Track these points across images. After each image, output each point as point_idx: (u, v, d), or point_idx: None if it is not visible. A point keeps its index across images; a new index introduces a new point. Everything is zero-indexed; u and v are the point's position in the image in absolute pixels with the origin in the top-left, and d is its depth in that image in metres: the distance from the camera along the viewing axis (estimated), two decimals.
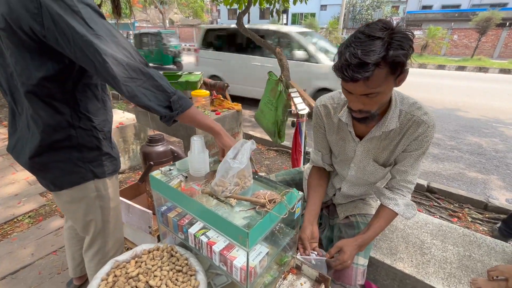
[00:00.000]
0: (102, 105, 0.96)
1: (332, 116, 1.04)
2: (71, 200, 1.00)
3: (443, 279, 1.00)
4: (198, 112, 0.91)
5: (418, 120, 0.90)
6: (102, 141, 0.98)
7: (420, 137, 0.91)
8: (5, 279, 1.65)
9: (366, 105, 0.79)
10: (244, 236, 0.65)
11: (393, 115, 0.91)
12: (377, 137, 0.97)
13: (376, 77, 0.70)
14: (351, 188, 1.14)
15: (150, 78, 0.78)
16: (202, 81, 1.93)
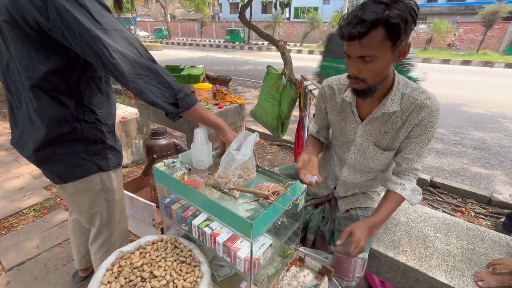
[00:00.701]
0: (106, 98, 0.96)
1: (336, 96, 1.05)
2: (77, 192, 1.01)
3: (446, 272, 1.00)
4: (203, 108, 0.92)
5: (420, 104, 0.89)
6: (106, 134, 0.98)
7: (423, 122, 0.90)
8: (11, 270, 1.68)
9: (362, 71, 0.81)
10: (248, 227, 0.65)
11: (395, 97, 0.91)
12: (378, 119, 0.97)
13: (371, 37, 0.72)
14: (352, 175, 1.13)
15: (157, 75, 0.78)
16: (204, 75, 1.92)
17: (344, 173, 1.15)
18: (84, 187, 1.00)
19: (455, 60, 11.29)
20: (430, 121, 0.90)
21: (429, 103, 0.89)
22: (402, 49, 0.78)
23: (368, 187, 1.19)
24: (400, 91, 0.91)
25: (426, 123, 0.90)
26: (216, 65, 10.20)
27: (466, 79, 7.99)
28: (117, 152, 1.05)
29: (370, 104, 0.96)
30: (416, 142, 0.94)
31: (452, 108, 5.22)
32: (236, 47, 17.25)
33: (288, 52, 2.50)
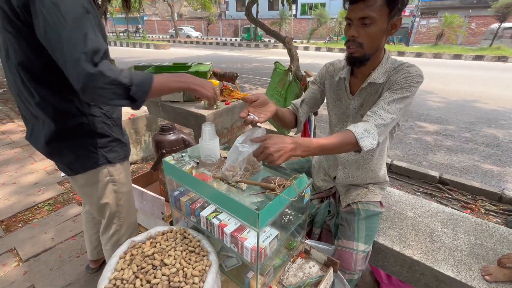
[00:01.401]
0: None
1: (335, 75, 1.13)
2: (86, 184, 1.05)
3: (453, 266, 1.00)
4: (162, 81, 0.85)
5: (399, 69, 0.95)
6: (112, 127, 1.01)
7: (399, 79, 0.92)
8: (28, 261, 1.75)
9: (360, 35, 0.89)
10: (254, 217, 0.67)
11: (382, 70, 0.98)
12: (366, 91, 1.03)
13: (375, 0, 0.84)
14: (349, 154, 1.14)
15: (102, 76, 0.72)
16: (212, 71, 1.95)
17: (340, 155, 1.17)
18: (93, 178, 1.04)
19: (467, 55, 11.00)
20: (406, 78, 0.91)
21: (408, 67, 0.94)
22: (395, 22, 0.89)
23: (367, 176, 1.17)
24: (388, 66, 0.98)
25: (402, 80, 0.91)
26: (223, 63, 10.23)
27: (479, 75, 7.78)
28: (124, 145, 1.08)
29: (361, 80, 1.04)
30: (387, 94, 0.92)
31: (464, 104, 5.11)
32: (242, 45, 17.23)
33: (294, 48, 2.50)
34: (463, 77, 7.46)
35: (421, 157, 3.18)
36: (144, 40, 18.77)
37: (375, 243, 1.13)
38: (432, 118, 4.42)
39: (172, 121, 1.89)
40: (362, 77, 1.04)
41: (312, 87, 1.23)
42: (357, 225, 1.06)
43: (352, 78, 1.08)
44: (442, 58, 11.30)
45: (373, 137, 0.85)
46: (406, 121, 4.27)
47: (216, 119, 1.73)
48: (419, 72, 0.92)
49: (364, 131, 0.85)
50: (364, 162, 1.13)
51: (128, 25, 21.56)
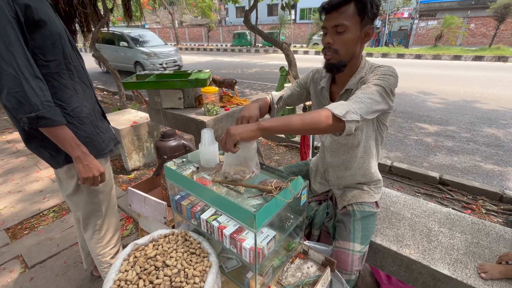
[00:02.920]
0: (74, 92, 1.04)
1: (319, 82, 1.18)
2: (65, 178, 1.13)
3: (449, 265, 1.02)
4: (60, 137, 0.94)
5: (372, 70, 0.99)
6: (79, 126, 1.06)
7: (371, 75, 0.96)
8: (34, 267, 1.79)
9: (335, 42, 0.95)
10: (251, 218, 0.70)
11: (358, 76, 1.02)
12: (344, 97, 1.06)
13: (345, 8, 0.90)
14: (333, 157, 1.19)
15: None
16: (211, 78, 1.99)
17: (327, 158, 1.22)
18: (67, 174, 1.11)
19: (467, 55, 11.02)
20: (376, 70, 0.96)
21: (379, 67, 0.98)
22: (367, 30, 0.95)
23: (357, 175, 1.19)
24: (364, 71, 1.02)
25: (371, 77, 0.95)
26: (223, 69, 10.34)
27: (479, 75, 7.79)
28: (96, 143, 1.12)
29: (340, 88, 1.09)
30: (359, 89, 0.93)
31: (464, 105, 5.11)
32: (242, 50, 17.41)
33: (292, 53, 2.55)
34: (463, 78, 7.47)
35: (421, 158, 3.19)
36: None
37: (373, 244, 1.15)
38: (433, 119, 4.44)
39: (173, 128, 1.94)
40: (342, 85, 1.08)
41: (295, 88, 1.28)
42: (352, 226, 1.09)
43: (334, 86, 1.13)
44: (441, 59, 11.32)
45: (348, 107, 0.82)
46: (406, 123, 4.28)
47: (216, 125, 1.77)
48: (389, 69, 0.96)
49: (337, 104, 0.84)
50: (349, 162, 1.16)
51: None
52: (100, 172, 1.06)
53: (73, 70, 1.03)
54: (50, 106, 0.88)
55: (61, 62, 0.98)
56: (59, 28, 0.95)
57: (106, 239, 1.29)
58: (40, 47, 0.90)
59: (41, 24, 0.88)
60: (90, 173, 1.02)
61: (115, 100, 6.02)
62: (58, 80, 0.98)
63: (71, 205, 1.21)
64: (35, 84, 0.85)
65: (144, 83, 1.83)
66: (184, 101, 1.89)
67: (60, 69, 0.98)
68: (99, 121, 1.16)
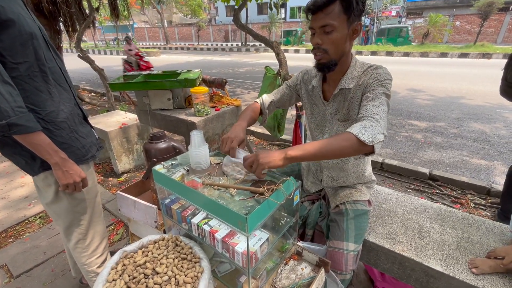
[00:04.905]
0: (49, 96, 0.98)
1: (310, 82, 1.17)
2: (43, 186, 1.07)
3: (441, 260, 1.02)
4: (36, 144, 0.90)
5: (368, 71, 1.00)
6: (55, 131, 1.00)
7: (370, 80, 0.96)
8: (20, 277, 1.72)
9: (324, 42, 0.94)
10: (243, 222, 0.69)
11: (351, 75, 1.02)
12: (338, 97, 1.06)
13: (331, 8, 0.89)
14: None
15: None
16: (201, 78, 1.96)
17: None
18: (44, 182, 1.05)
19: (453, 53, 11.28)
20: (376, 76, 0.95)
21: (375, 70, 0.98)
22: (355, 27, 0.94)
23: (351, 177, 1.19)
24: (357, 71, 1.02)
25: (374, 79, 0.95)
26: (214, 68, 10.26)
27: (464, 72, 7.99)
28: (74, 148, 1.07)
29: (333, 86, 1.08)
30: (368, 97, 0.93)
31: (451, 101, 5.23)
32: (233, 49, 17.32)
33: (282, 52, 2.54)
34: (450, 75, 7.65)
35: (412, 154, 3.24)
36: None
37: (366, 242, 1.15)
38: (422, 115, 4.52)
39: (163, 129, 1.90)
40: (334, 83, 1.08)
41: (285, 90, 1.27)
42: (346, 225, 1.08)
43: (325, 84, 1.12)
44: (429, 57, 11.56)
45: (373, 129, 0.80)
46: (397, 120, 4.35)
47: (206, 126, 1.74)
48: (386, 72, 0.97)
49: (361, 127, 0.81)
50: (343, 164, 1.16)
51: (118, 33, 21.47)
52: (81, 178, 1.02)
53: (47, 72, 0.97)
54: (22, 112, 0.83)
55: (33, 64, 0.92)
56: (30, 28, 0.89)
57: (92, 248, 1.24)
58: (8, 49, 0.84)
59: (9, 23, 0.82)
60: (70, 179, 0.98)
61: (103, 102, 5.88)
62: (30, 84, 0.92)
63: (51, 214, 1.16)
64: (3, 89, 0.79)
65: (132, 84, 1.78)
66: (173, 101, 1.85)
67: (32, 71, 0.92)
68: (79, 126, 1.10)
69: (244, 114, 1.20)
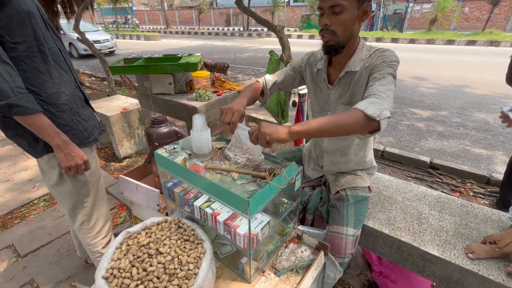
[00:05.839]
0: (49, 77, 0.97)
1: (315, 65, 1.15)
2: (47, 169, 1.08)
3: (439, 246, 1.04)
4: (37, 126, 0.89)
5: (374, 55, 0.97)
6: (57, 114, 1.00)
7: (377, 61, 0.94)
8: (26, 256, 1.77)
9: (333, 23, 0.92)
10: (245, 205, 0.69)
11: (357, 58, 1.00)
12: (344, 80, 1.04)
13: None
14: (331, 142, 1.17)
15: None
16: (202, 63, 1.93)
17: (324, 142, 1.20)
18: (47, 164, 1.06)
19: (460, 40, 11.00)
20: (383, 58, 0.93)
21: (382, 52, 0.96)
22: (365, 8, 0.92)
23: (352, 162, 1.19)
24: (364, 53, 1.00)
25: (380, 64, 0.93)
26: (215, 53, 10.08)
27: (471, 60, 7.82)
28: (77, 131, 1.07)
29: (338, 70, 1.06)
30: (375, 77, 0.91)
31: (455, 90, 5.15)
32: (235, 34, 16.93)
33: (286, 37, 2.48)
34: (455, 63, 7.49)
35: (413, 143, 3.23)
36: (134, 32, 18.30)
37: (365, 227, 1.17)
38: (425, 104, 4.47)
39: (165, 114, 1.89)
40: (339, 66, 1.06)
41: (289, 72, 1.25)
42: (346, 210, 1.10)
43: (331, 67, 1.10)
44: (435, 44, 11.29)
45: (380, 105, 0.77)
46: (399, 108, 4.30)
47: (208, 111, 1.73)
48: (393, 54, 0.95)
49: (367, 103, 0.79)
50: (345, 148, 1.16)
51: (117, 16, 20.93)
52: (83, 160, 1.02)
53: (47, 52, 0.95)
54: (22, 92, 0.82)
55: (32, 44, 0.90)
56: (28, 6, 0.87)
57: (96, 229, 1.27)
58: (5, 28, 0.82)
59: (5, 1, 0.80)
60: (72, 162, 0.98)
61: (103, 86, 5.83)
62: (29, 64, 0.91)
63: (56, 196, 1.17)
64: (2, 69, 0.78)
65: (132, 68, 1.76)
66: (174, 86, 1.83)
67: (31, 51, 0.90)
68: (81, 108, 1.10)
69: (245, 92, 1.16)
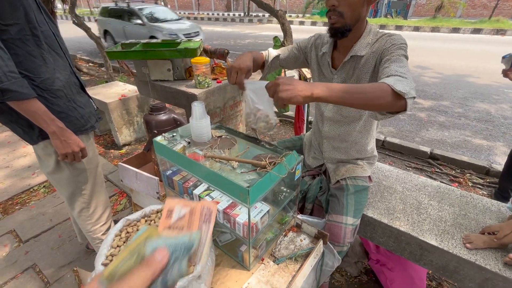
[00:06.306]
0: (43, 62, 0.94)
1: (321, 48, 1.12)
2: (44, 155, 1.07)
3: (437, 235, 1.05)
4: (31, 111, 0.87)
5: (382, 39, 0.94)
6: (52, 100, 0.98)
7: (387, 45, 0.91)
8: (28, 241, 1.80)
9: (340, 3, 0.89)
10: (245, 194, 0.69)
11: (364, 42, 0.97)
12: (348, 65, 1.01)
13: None
14: (332, 128, 1.16)
15: None
16: (202, 48, 1.88)
17: (325, 127, 1.18)
18: (44, 151, 1.05)
19: (465, 28, 10.75)
20: (396, 46, 0.89)
21: (390, 37, 0.93)
22: None
23: (352, 149, 1.18)
24: (370, 37, 0.97)
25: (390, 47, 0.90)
26: (215, 40, 9.87)
27: (475, 49, 7.68)
28: (73, 118, 1.05)
29: (343, 54, 1.02)
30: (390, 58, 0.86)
31: (458, 79, 5.08)
32: (235, 20, 16.53)
33: (287, 22, 2.41)
34: (460, 52, 7.36)
35: (414, 133, 3.22)
36: None
37: (364, 216, 1.18)
38: (427, 94, 4.42)
39: (163, 101, 1.86)
40: (344, 51, 1.02)
41: (293, 50, 1.21)
42: (346, 199, 1.10)
43: (335, 52, 1.07)
44: (440, 32, 11.04)
45: (408, 83, 0.71)
46: None
47: (208, 98, 1.70)
48: (401, 37, 0.92)
49: (394, 79, 0.72)
50: (346, 135, 1.14)
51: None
52: (80, 148, 1.01)
53: (40, 36, 0.92)
54: (15, 77, 0.80)
55: (24, 27, 0.87)
56: None
57: (96, 216, 1.28)
58: None
59: None
60: (69, 149, 0.97)
61: (101, 72, 5.73)
62: (22, 48, 0.88)
63: (54, 183, 1.17)
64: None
65: (130, 53, 1.71)
66: (173, 72, 1.79)
67: (24, 35, 0.87)
68: (76, 95, 1.07)
69: (250, 52, 1.10)
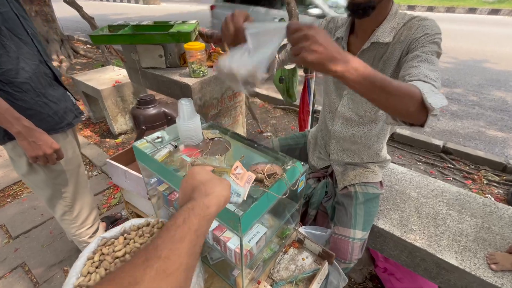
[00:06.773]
0: (3, 51, 0.81)
1: (334, 32, 0.98)
2: (14, 155, 0.96)
3: (457, 253, 0.93)
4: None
5: (413, 25, 0.77)
6: (16, 95, 0.85)
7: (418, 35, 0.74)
8: (18, 238, 1.73)
9: None
10: (236, 221, 0.56)
11: (387, 26, 0.81)
12: (368, 53, 0.86)
13: None
14: (343, 127, 1.01)
15: None
16: (197, 32, 1.69)
17: (336, 125, 1.03)
18: (14, 152, 0.94)
19: (483, 9, 10.11)
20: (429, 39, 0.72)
21: (421, 21, 0.76)
22: None
23: (364, 153, 1.04)
24: (396, 21, 0.81)
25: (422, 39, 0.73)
26: None
27: (492, 31, 7.22)
28: (45, 115, 0.92)
29: (362, 39, 0.87)
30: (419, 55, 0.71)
31: (473, 65, 4.78)
32: None
33: (294, 2, 2.18)
34: (475, 34, 6.92)
35: None
36: None
37: (374, 227, 1.06)
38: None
39: (155, 90, 1.70)
40: (363, 36, 0.86)
41: None
42: (354, 210, 0.97)
43: (352, 37, 0.91)
44: (455, 13, 10.42)
45: (440, 98, 0.60)
46: None
47: (203, 89, 1.55)
48: (435, 24, 0.75)
49: (429, 89, 0.61)
50: (359, 137, 1.00)
51: None
52: (53, 149, 0.88)
53: None
54: None
55: None
56: None
57: (81, 219, 1.18)
58: None
59: None
60: (39, 151, 0.85)
61: (99, 55, 5.51)
62: None
63: (30, 186, 1.06)
64: None
65: (117, 37, 1.54)
66: (166, 59, 1.62)
67: None
68: (48, 88, 0.93)
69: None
